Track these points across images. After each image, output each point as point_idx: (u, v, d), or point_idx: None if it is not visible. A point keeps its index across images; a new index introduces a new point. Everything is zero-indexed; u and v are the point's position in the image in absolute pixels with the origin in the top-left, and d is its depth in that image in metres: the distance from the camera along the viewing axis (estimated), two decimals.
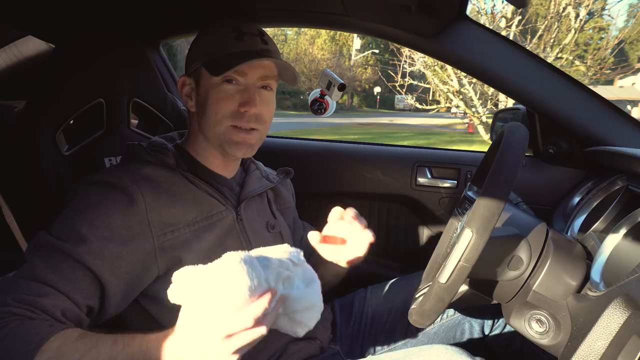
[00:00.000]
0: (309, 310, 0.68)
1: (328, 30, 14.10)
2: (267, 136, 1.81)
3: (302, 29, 28.20)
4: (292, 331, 0.69)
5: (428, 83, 8.39)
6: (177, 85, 0.93)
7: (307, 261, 1.09)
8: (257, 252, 0.68)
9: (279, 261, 0.66)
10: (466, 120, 11.20)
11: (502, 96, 7.10)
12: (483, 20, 7.75)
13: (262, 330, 0.60)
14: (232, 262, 0.59)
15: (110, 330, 0.68)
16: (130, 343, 0.65)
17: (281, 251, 0.69)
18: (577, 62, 9.00)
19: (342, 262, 0.93)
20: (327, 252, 0.91)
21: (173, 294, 0.62)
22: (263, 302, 0.59)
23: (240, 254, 0.61)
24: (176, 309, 0.83)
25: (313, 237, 0.86)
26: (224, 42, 0.86)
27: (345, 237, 0.90)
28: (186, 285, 0.61)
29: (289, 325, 0.68)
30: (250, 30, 0.87)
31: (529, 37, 8.07)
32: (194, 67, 0.88)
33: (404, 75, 8.46)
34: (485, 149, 1.08)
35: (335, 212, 0.88)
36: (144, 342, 0.65)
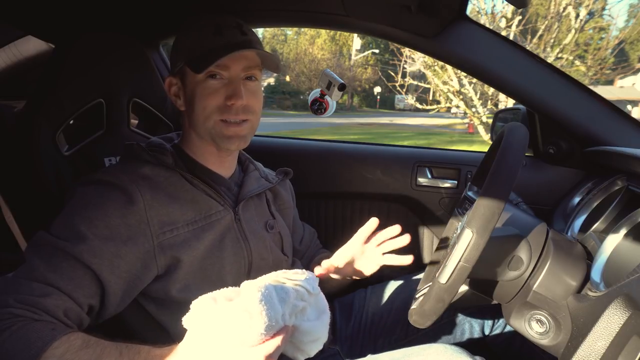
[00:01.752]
0: (315, 342, 0.69)
1: (328, 30, 14.10)
2: (268, 136, 1.81)
3: (302, 29, 28.21)
4: (292, 355, 0.70)
5: (428, 83, 8.40)
6: (165, 87, 0.93)
7: (308, 267, 1.10)
8: (275, 277, 0.68)
9: (295, 292, 0.66)
10: (466, 121, 11.20)
11: (502, 96, 7.11)
12: (483, 20, 7.75)
13: None
14: (251, 300, 0.59)
15: (111, 336, 0.67)
16: (135, 358, 0.64)
17: (298, 276, 0.69)
18: (577, 62, 9.01)
19: (349, 276, 1.00)
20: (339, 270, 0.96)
21: (189, 322, 0.62)
22: (277, 341, 0.59)
23: (260, 287, 0.60)
24: (175, 309, 0.83)
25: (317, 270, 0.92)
26: (203, 39, 0.86)
27: (357, 254, 0.95)
28: (203, 315, 0.61)
29: (291, 350, 0.69)
30: (229, 24, 0.87)
31: (529, 37, 8.08)
32: (178, 67, 0.89)
33: (404, 75, 8.47)
34: (485, 149, 1.08)
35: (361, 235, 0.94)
36: (149, 357, 0.64)
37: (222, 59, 0.82)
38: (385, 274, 1.52)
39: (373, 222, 0.92)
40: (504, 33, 7.05)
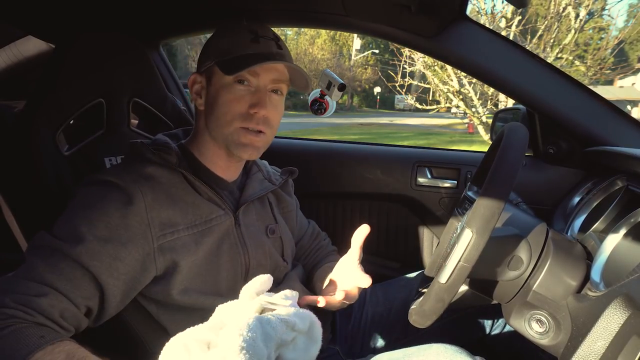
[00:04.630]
0: None
1: (328, 30, 14.10)
2: None
3: (302, 29, 28.19)
4: None
5: (428, 83, 8.38)
6: (188, 83, 0.92)
7: (314, 270, 1.06)
8: (260, 305, 0.64)
9: (285, 325, 0.61)
10: (466, 120, 11.19)
11: (502, 96, 7.10)
12: (483, 20, 7.75)
13: None
14: (231, 350, 0.53)
15: (112, 336, 0.66)
16: None
17: (284, 302, 0.66)
18: (577, 62, 8.99)
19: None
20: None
21: None
22: None
23: (242, 330, 0.55)
24: (175, 310, 0.83)
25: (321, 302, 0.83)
26: (240, 43, 0.86)
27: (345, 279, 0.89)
28: None
29: None
30: (267, 34, 0.88)
31: (529, 37, 8.07)
32: (207, 66, 0.88)
33: (404, 75, 8.44)
34: (485, 149, 1.08)
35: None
36: None
37: (255, 66, 0.82)
38: (386, 274, 1.52)
39: (365, 228, 0.86)
40: (504, 33, 7.04)
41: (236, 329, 0.55)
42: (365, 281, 0.83)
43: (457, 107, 7.93)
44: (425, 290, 0.80)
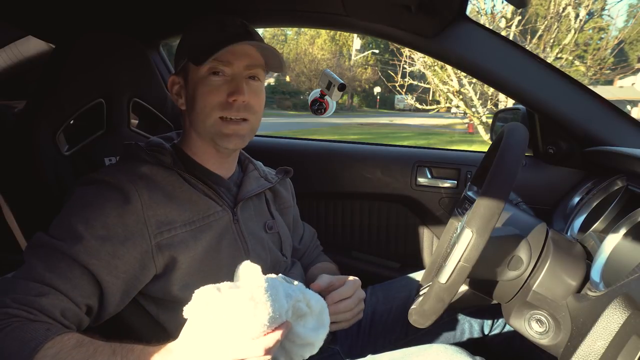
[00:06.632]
0: (304, 347, 0.68)
1: (328, 30, 14.10)
2: (268, 136, 1.82)
3: (302, 29, 28.20)
4: (276, 356, 0.68)
5: (428, 83, 8.38)
6: (168, 87, 0.93)
7: (307, 268, 1.07)
8: (284, 278, 0.67)
9: (302, 294, 0.65)
10: (466, 120, 11.20)
11: (502, 96, 7.10)
12: (483, 20, 7.75)
13: (268, 359, 0.59)
14: (257, 288, 0.57)
15: (112, 336, 0.67)
16: (128, 355, 0.63)
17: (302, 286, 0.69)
18: (577, 62, 9.00)
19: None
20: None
21: (191, 311, 0.60)
22: (277, 335, 0.59)
23: (268, 278, 0.59)
24: (175, 308, 0.83)
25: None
26: (207, 34, 0.86)
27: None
28: (206, 303, 0.59)
29: (277, 352, 0.67)
30: (233, 22, 0.87)
31: (529, 37, 8.07)
32: (181, 65, 0.89)
33: (404, 75, 8.44)
34: (485, 149, 1.08)
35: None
36: (142, 355, 0.63)
37: (224, 49, 0.81)
38: (386, 274, 1.52)
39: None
40: (503, 33, 7.04)
41: (261, 278, 0.60)
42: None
43: (457, 107, 7.93)
44: (425, 290, 0.80)
